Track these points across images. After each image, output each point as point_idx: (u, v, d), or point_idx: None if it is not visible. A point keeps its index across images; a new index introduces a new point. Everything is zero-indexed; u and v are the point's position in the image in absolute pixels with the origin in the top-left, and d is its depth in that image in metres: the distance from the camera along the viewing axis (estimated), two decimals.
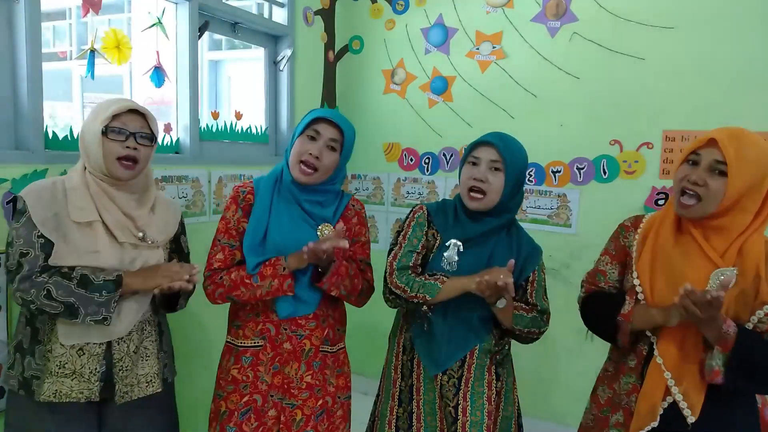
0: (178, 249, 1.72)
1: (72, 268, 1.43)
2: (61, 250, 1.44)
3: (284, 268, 1.58)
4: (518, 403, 1.77)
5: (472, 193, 1.62)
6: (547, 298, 1.71)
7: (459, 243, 1.62)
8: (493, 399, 1.65)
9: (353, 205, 1.78)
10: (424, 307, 1.63)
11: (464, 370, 1.64)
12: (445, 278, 1.60)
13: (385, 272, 1.68)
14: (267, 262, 1.60)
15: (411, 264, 1.66)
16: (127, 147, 1.49)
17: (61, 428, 1.52)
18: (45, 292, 1.39)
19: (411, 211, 1.76)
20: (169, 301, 1.66)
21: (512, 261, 1.52)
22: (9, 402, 1.58)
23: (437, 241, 1.69)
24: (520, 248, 1.67)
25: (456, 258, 1.61)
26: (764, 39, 2.38)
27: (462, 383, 1.64)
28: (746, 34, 2.40)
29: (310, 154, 1.62)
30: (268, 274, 1.58)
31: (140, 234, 1.54)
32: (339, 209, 1.73)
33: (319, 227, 1.67)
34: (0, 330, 1.75)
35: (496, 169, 1.61)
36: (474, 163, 1.63)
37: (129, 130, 1.50)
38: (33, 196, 1.45)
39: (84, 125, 1.53)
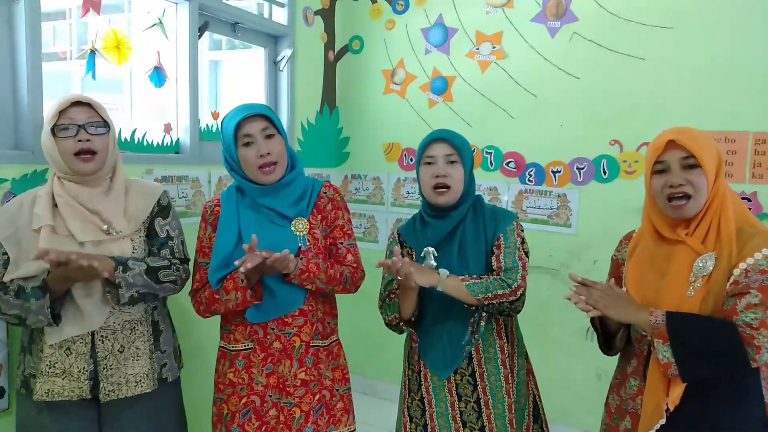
0: (152, 234, 1.66)
1: (12, 281, 1.46)
2: (18, 262, 1.47)
3: (242, 281, 1.57)
4: (535, 394, 1.77)
5: (437, 190, 1.64)
6: (523, 257, 1.65)
7: (431, 249, 1.63)
8: (512, 392, 1.66)
9: (325, 192, 1.75)
10: (401, 324, 1.70)
11: (475, 366, 1.65)
12: (395, 291, 1.68)
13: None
14: (228, 276, 1.61)
15: (388, 291, 1.73)
16: (79, 141, 1.49)
17: (62, 425, 1.54)
18: None
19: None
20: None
21: (397, 248, 1.55)
22: (17, 400, 1.61)
23: (414, 258, 1.72)
24: (486, 224, 1.68)
25: (434, 263, 1.62)
26: (764, 39, 2.38)
27: (477, 379, 1.65)
28: (746, 34, 2.40)
29: (261, 156, 1.61)
30: (230, 288, 1.59)
31: (105, 227, 1.53)
32: (312, 200, 1.72)
33: (293, 222, 1.67)
34: (0, 330, 1.75)
35: (453, 162, 1.65)
36: (430, 162, 1.66)
37: (77, 123, 1.49)
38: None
39: (42, 133, 1.53)
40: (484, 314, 1.62)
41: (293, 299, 1.65)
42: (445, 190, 1.64)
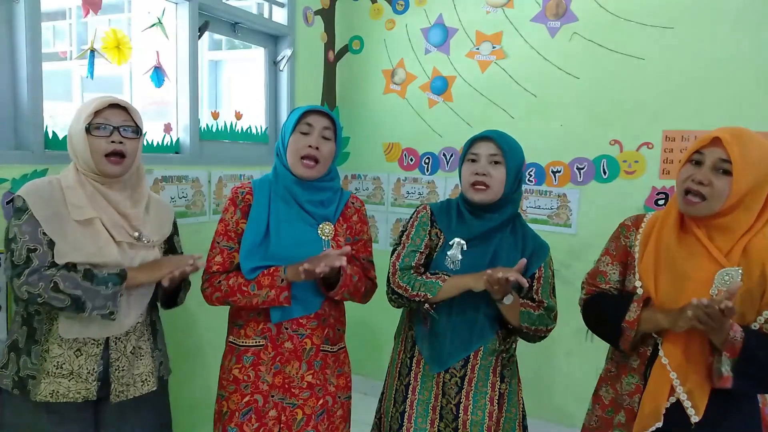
0: (171, 250, 1.72)
1: (75, 264, 1.44)
2: (63, 249, 1.44)
3: (282, 280, 1.57)
4: (523, 405, 1.77)
5: (475, 186, 1.62)
6: (554, 296, 1.70)
7: (462, 242, 1.62)
8: (495, 400, 1.65)
9: (353, 203, 1.78)
10: (426, 306, 1.63)
11: (467, 370, 1.64)
12: (446, 276, 1.60)
13: (388, 272, 1.69)
14: (266, 271, 1.60)
15: (413, 264, 1.67)
16: (113, 142, 1.49)
17: (57, 427, 1.52)
18: (52, 285, 1.39)
19: (414, 211, 1.77)
20: (170, 296, 1.67)
21: (523, 260, 1.53)
22: (3, 401, 1.57)
23: (441, 241, 1.69)
24: (525, 244, 1.67)
25: (459, 257, 1.61)
26: (764, 39, 2.38)
27: (465, 382, 1.64)
28: (746, 34, 2.40)
29: (309, 146, 1.64)
30: (265, 284, 1.58)
31: (136, 234, 1.54)
32: (339, 207, 1.74)
33: (320, 226, 1.68)
34: (0, 330, 1.75)
35: (496, 162, 1.63)
36: (473, 160, 1.65)
37: (112, 124, 1.50)
38: (33, 195, 1.45)
39: (70, 127, 1.53)
40: (516, 339, 1.70)
41: (313, 302, 1.66)
42: (483, 188, 1.62)
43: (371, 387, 3.42)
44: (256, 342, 1.67)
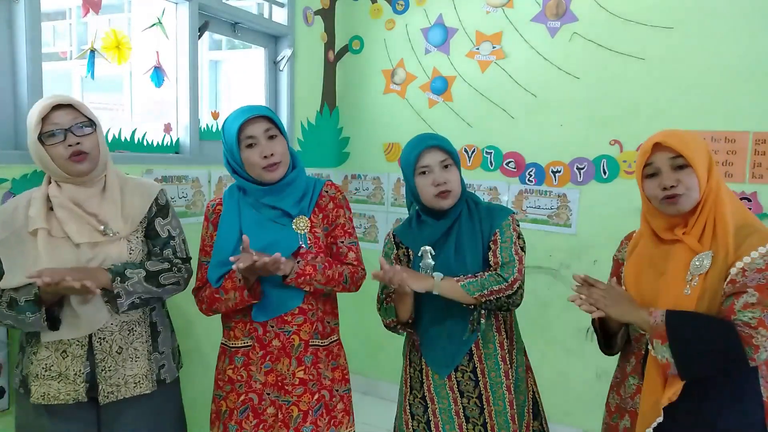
0: (152, 234, 1.66)
1: (3, 292, 1.45)
2: (12, 268, 1.45)
3: (239, 280, 1.58)
4: (534, 391, 1.77)
5: (441, 195, 1.63)
6: (519, 251, 1.63)
7: (429, 248, 1.63)
8: (512, 388, 1.66)
9: (327, 191, 1.75)
10: (399, 327, 1.71)
11: (475, 362, 1.65)
12: (391, 296, 1.70)
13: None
14: (227, 276, 1.62)
15: (385, 294, 1.74)
16: (69, 145, 1.46)
17: (58, 426, 1.53)
18: None
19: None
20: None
21: (381, 258, 1.57)
22: (16, 399, 1.61)
23: (411, 257, 1.73)
24: (482, 221, 1.68)
25: (432, 262, 1.62)
26: (764, 39, 2.38)
27: (479, 374, 1.65)
28: (746, 34, 2.40)
29: (265, 157, 1.61)
30: (229, 287, 1.61)
31: (101, 227, 1.52)
32: (313, 198, 1.72)
33: (294, 221, 1.67)
34: (0, 330, 1.75)
35: (447, 166, 1.65)
36: (424, 172, 1.65)
37: (63, 127, 1.46)
38: None
39: (27, 140, 1.50)
40: (483, 312, 1.62)
41: (289, 298, 1.65)
42: (446, 194, 1.64)
43: (371, 387, 3.42)
44: (244, 343, 1.68)
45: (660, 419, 1.35)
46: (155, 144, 2.35)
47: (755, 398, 1.37)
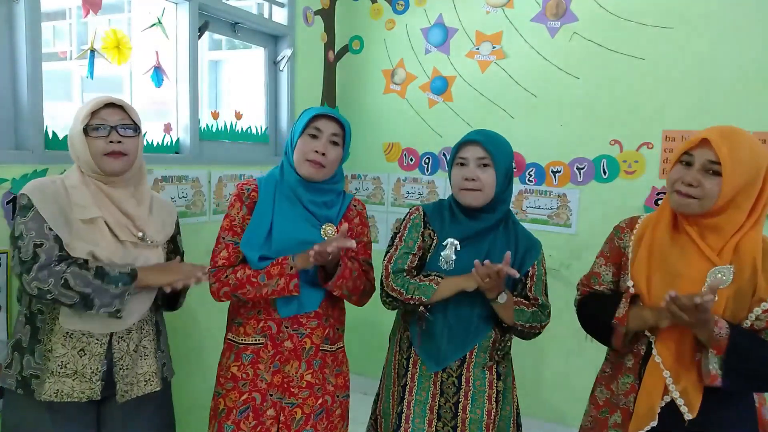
0: (175, 249, 1.73)
1: (87, 261, 1.44)
2: (73, 243, 1.45)
3: (291, 267, 1.58)
4: (517, 402, 1.77)
5: (466, 190, 1.63)
6: (547, 293, 1.71)
7: (456, 242, 1.63)
8: (494, 398, 1.66)
9: (355, 206, 1.79)
10: (421, 308, 1.63)
11: (464, 369, 1.65)
12: (439, 278, 1.61)
13: (381, 275, 1.69)
14: (274, 262, 1.61)
15: (406, 266, 1.67)
16: (111, 141, 1.49)
17: (60, 427, 1.52)
18: (63, 282, 1.39)
19: (407, 212, 1.77)
20: (170, 299, 1.68)
21: (509, 253, 1.52)
22: (6, 401, 1.57)
23: (434, 241, 1.69)
24: (518, 243, 1.67)
25: (453, 257, 1.61)
26: (764, 39, 2.38)
27: (462, 381, 1.64)
28: (745, 34, 2.41)
29: (316, 151, 1.64)
30: (275, 273, 1.58)
31: (140, 234, 1.55)
32: (342, 209, 1.74)
33: (323, 227, 1.68)
34: (0, 329, 1.75)
35: (485, 165, 1.62)
36: (462, 164, 1.65)
37: (109, 124, 1.50)
38: (37, 192, 1.45)
39: (70, 129, 1.54)
40: (511, 337, 1.68)
41: (310, 300, 1.66)
42: (473, 191, 1.62)
43: (371, 387, 3.41)
44: (255, 340, 1.67)
45: (654, 423, 1.35)
46: (155, 144, 2.35)
47: (747, 403, 1.37)
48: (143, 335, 1.60)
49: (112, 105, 1.52)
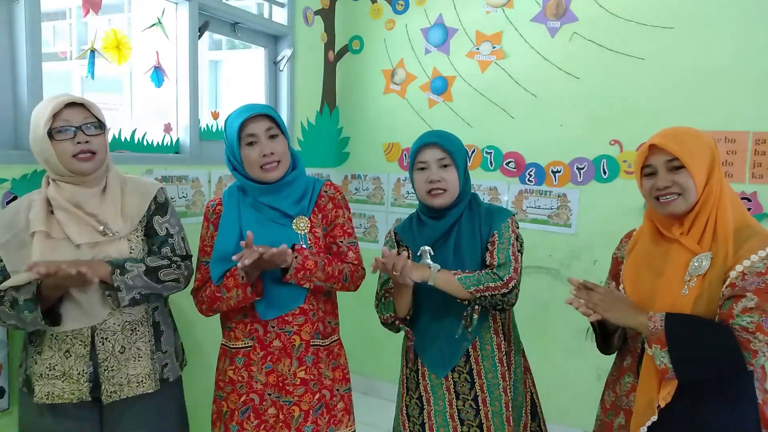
0: (151, 232, 1.66)
1: (6, 292, 1.45)
2: (16, 269, 1.46)
3: (242, 277, 1.57)
4: (532, 392, 1.78)
5: (432, 193, 1.64)
6: (516, 252, 1.64)
7: (428, 248, 1.63)
8: (508, 390, 1.67)
9: (326, 191, 1.76)
10: (397, 323, 1.70)
11: (472, 364, 1.65)
12: (390, 290, 1.69)
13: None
14: (228, 273, 1.61)
15: (384, 291, 1.73)
16: (78, 143, 1.47)
17: (61, 426, 1.54)
18: None
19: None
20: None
21: (385, 248, 1.54)
22: (20, 398, 1.62)
23: (410, 256, 1.72)
24: (482, 222, 1.68)
25: (430, 263, 1.61)
26: (764, 39, 2.37)
27: (474, 376, 1.65)
28: (746, 34, 2.40)
29: (264, 155, 1.62)
30: (231, 286, 1.60)
31: (101, 227, 1.53)
32: (312, 199, 1.72)
33: (294, 221, 1.67)
34: (0, 329, 1.75)
35: (445, 165, 1.64)
36: (422, 168, 1.66)
37: (74, 125, 1.47)
38: None
39: (31, 135, 1.50)
40: (477, 307, 1.61)
41: (292, 297, 1.65)
42: (440, 191, 1.64)
43: (371, 387, 3.42)
44: (245, 343, 1.68)
45: (654, 418, 1.35)
46: (155, 144, 2.35)
47: (750, 400, 1.37)
48: (137, 337, 1.59)
49: (72, 104, 1.48)
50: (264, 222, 1.66)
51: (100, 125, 1.53)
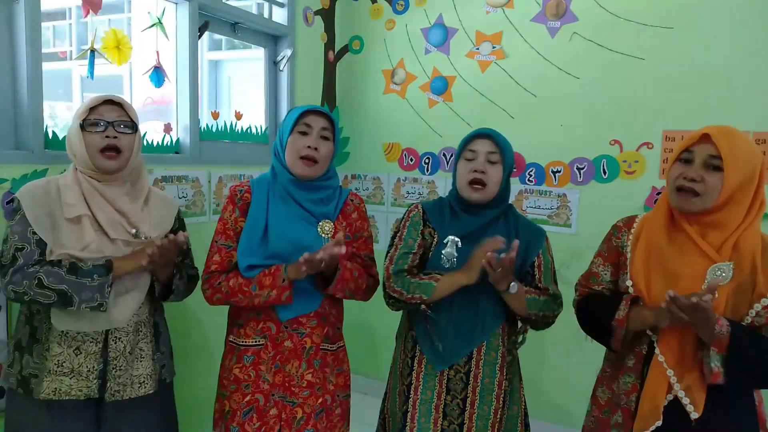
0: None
1: (60, 259, 1.44)
2: (52, 246, 1.45)
3: (284, 279, 1.57)
4: (525, 402, 1.77)
5: (473, 185, 1.62)
6: (556, 281, 1.71)
7: (457, 239, 1.62)
8: (501, 398, 1.66)
9: (352, 200, 1.77)
10: (422, 307, 1.63)
11: (471, 366, 1.65)
12: (439, 276, 1.60)
13: (383, 277, 1.69)
14: (266, 271, 1.59)
15: (407, 266, 1.66)
16: (107, 137, 1.50)
17: (60, 426, 1.53)
18: (36, 281, 1.39)
19: (406, 211, 1.77)
20: (167, 287, 1.65)
21: (516, 241, 1.50)
22: (8, 400, 1.59)
23: (435, 240, 1.68)
24: (519, 234, 1.66)
25: (455, 254, 1.61)
26: (764, 39, 2.38)
27: (470, 378, 1.64)
28: (746, 34, 2.40)
29: (308, 147, 1.64)
30: (267, 284, 1.57)
31: (133, 230, 1.54)
32: (339, 205, 1.73)
33: (320, 224, 1.67)
34: (0, 329, 1.75)
35: (493, 162, 1.63)
36: (470, 159, 1.64)
37: (106, 120, 1.51)
38: (26, 196, 1.47)
39: (69, 127, 1.55)
40: (527, 327, 1.68)
41: (312, 299, 1.66)
42: (480, 186, 1.62)
43: (371, 387, 3.41)
44: (255, 341, 1.67)
45: (659, 423, 1.35)
46: (155, 144, 2.35)
47: (747, 401, 1.37)
48: (140, 337, 1.60)
49: (110, 102, 1.52)
50: (291, 218, 1.66)
51: (133, 126, 1.56)
